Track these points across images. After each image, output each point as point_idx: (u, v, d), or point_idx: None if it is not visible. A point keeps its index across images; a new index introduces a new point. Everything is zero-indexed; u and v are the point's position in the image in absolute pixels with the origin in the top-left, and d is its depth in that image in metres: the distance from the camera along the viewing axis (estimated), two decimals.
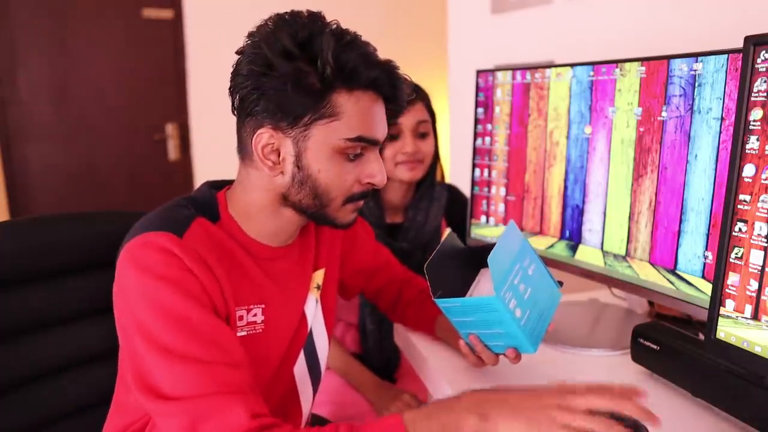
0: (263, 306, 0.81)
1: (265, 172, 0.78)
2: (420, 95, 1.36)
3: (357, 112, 0.75)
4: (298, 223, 0.84)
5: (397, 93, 0.80)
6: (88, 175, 3.13)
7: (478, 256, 0.94)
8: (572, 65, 1.06)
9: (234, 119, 0.81)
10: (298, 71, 0.72)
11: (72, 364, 0.99)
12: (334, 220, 0.81)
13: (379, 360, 1.39)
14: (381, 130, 0.79)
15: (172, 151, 3.28)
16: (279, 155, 0.77)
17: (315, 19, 0.75)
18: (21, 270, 0.93)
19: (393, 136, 1.32)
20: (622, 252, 1.00)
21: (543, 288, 0.87)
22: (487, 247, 0.92)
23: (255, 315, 0.81)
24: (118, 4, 3.07)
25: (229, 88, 0.78)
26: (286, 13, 0.76)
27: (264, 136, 0.75)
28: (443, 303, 0.82)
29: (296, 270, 0.88)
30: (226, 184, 0.86)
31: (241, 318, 0.79)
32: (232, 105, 0.79)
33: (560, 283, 0.91)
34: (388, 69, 0.78)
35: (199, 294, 0.71)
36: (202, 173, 3.28)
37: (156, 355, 0.69)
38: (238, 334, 0.79)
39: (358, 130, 0.75)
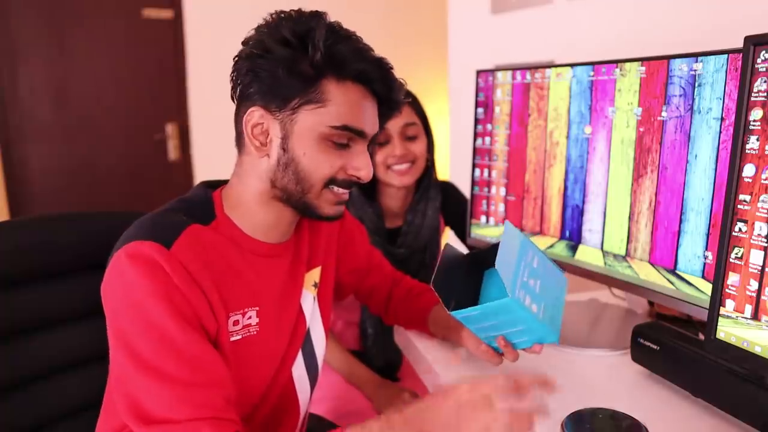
0: (258, 308, 0.82)
1: (254, 155, 0.80)
2: (407, 98, 1.35)
3: (345, 101, 0.77)
4: (290, 218, 0.85)
5: (390, 92, 0.82)
6: (88, 175, 3.13)
7: (480, 259, 0.95)
8: (572, 65, 1.06)
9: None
10: (291, 56, 0.75)
11: (72, 364, 0.99)
12: (316, 209, 0.81)
13: (380, 360, 1.39)
14: (369, 125, 0.80)
15: (172, 151, 3.28)
16: (267, 137, 0.79)
17: (316, 15, 0.78)
18: (21, 270, 0.93)
19: (382, 142, 1.32)
20: (622, 252, 1.00)
21: (549, 277, 0.88)
22: (487, 250, 0.93)
23: (250, 318, 0.81)
24: (118, 4, 3.06)
25: (231, 74, 0.81)
26: (291, 10, 0.79)
27: (255, 114, 0.78)
28: (460, 314, 0.82)
29: (290, 268, 0.89)
30: (222, 183, 0.87)
31: (236, 323, 0.79)
32: (232, 90, 0.81)
33: (563, 269, 0.93)
34: (380, 65, 0.79)
35: (185, 310, 0.72)
36: (202, 173, 3.28)
37: (137, 370, 0.70)
38: (233, 338, 0.79)
39: (344, 119, 0.77)
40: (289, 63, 0.75)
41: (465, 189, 1.46)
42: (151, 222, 0.76)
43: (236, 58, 0.79)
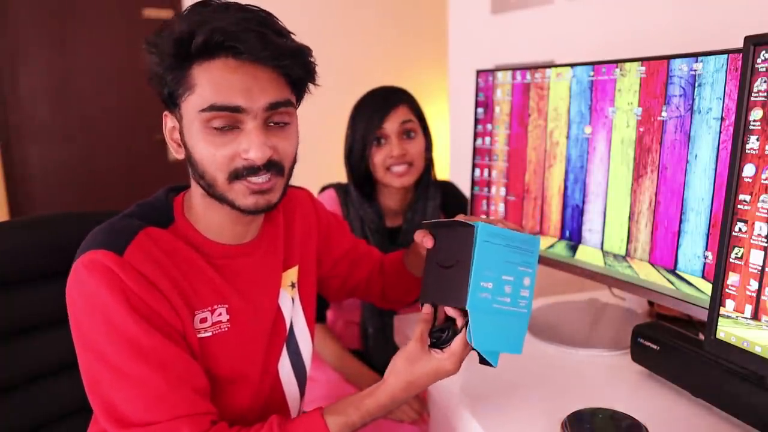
0: (227, 306, 0.82)
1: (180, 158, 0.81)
2: (403, 97, 1.36)
3: (208, 81, 0.73)
4: (236, 217, 0.82)
5: (242, 44, 0.72)
6: (87, 175, 3.13)
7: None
8: (572, 65, 1.06)
9: None
10: (161, 53, 0.75)
11: (71, 365, 0.99)
12: (233, 202, 0.77)
13: (380, 360, 1.39)
14: (242, 96, 0.73)
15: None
16: (181, 137, 0.80)
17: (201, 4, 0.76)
18: (21, 270, 0.93)
19: (380, 141, 1.32)
20: (622, 252, 1.00)
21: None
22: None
23: (220, 315, 0.81)
24: (118, 4, 3.07)
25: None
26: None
27: (167, 119, 0.81)
28: (487, 232, 0.75)
29: (261, 268, 0.88)
30: (186, 187, 0.87)
31: (204, 320, 0.80)
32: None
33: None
34: (221, 27, 0.71)
35: (145, 312, 0.72)
36: None
37: (109, 375, 0.72)
38: (203, 335, 0.79)
39: (210, 99, 0.73)
40: (160, 60, 0.75)
41: (465, 189, 1.46)
42: (106, 230, 0.77)
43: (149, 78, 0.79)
